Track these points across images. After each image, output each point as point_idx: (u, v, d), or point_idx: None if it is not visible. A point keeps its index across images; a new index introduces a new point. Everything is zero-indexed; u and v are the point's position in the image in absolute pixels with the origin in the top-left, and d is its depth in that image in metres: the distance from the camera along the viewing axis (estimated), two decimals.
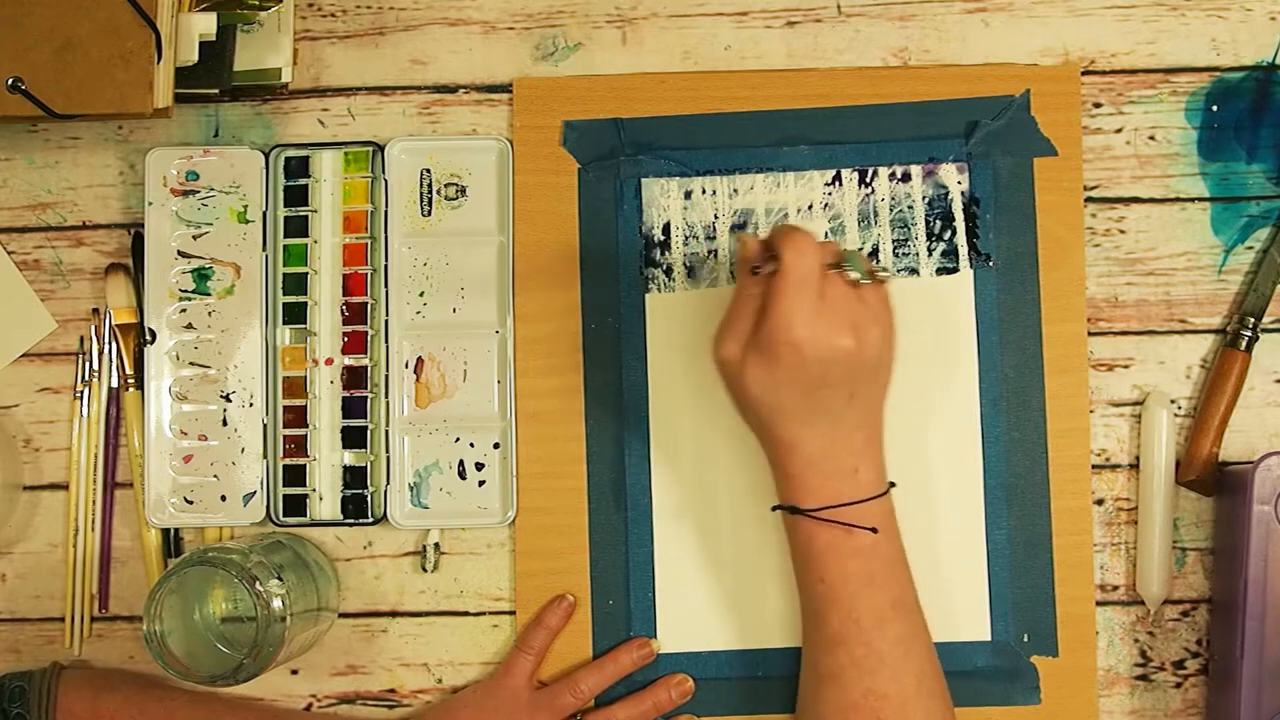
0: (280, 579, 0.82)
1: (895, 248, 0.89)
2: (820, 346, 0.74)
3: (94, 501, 0.90)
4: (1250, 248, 0.89)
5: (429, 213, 0.91)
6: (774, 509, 0.80)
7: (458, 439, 0.90)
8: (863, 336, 0.75)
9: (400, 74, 0.92)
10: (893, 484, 0.80)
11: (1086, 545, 0.88)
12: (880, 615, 0.78)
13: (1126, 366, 0.89)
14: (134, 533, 0.91)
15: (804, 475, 0.78)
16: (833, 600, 0.78)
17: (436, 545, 0.89)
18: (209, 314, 0.90)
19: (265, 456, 0.89)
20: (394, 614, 0.90)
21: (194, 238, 0.90)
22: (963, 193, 0.89)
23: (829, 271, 0.75)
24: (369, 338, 0.90)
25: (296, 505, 0.89)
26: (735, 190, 0.90)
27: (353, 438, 0.90)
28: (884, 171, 0.90)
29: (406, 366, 0.90)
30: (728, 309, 0.78)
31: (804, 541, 0.79)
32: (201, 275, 0.90)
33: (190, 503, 0.89)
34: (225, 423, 0.90)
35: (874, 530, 0.78)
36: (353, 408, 0.90)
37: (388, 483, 0.89)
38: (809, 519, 0.78)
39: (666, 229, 0.90)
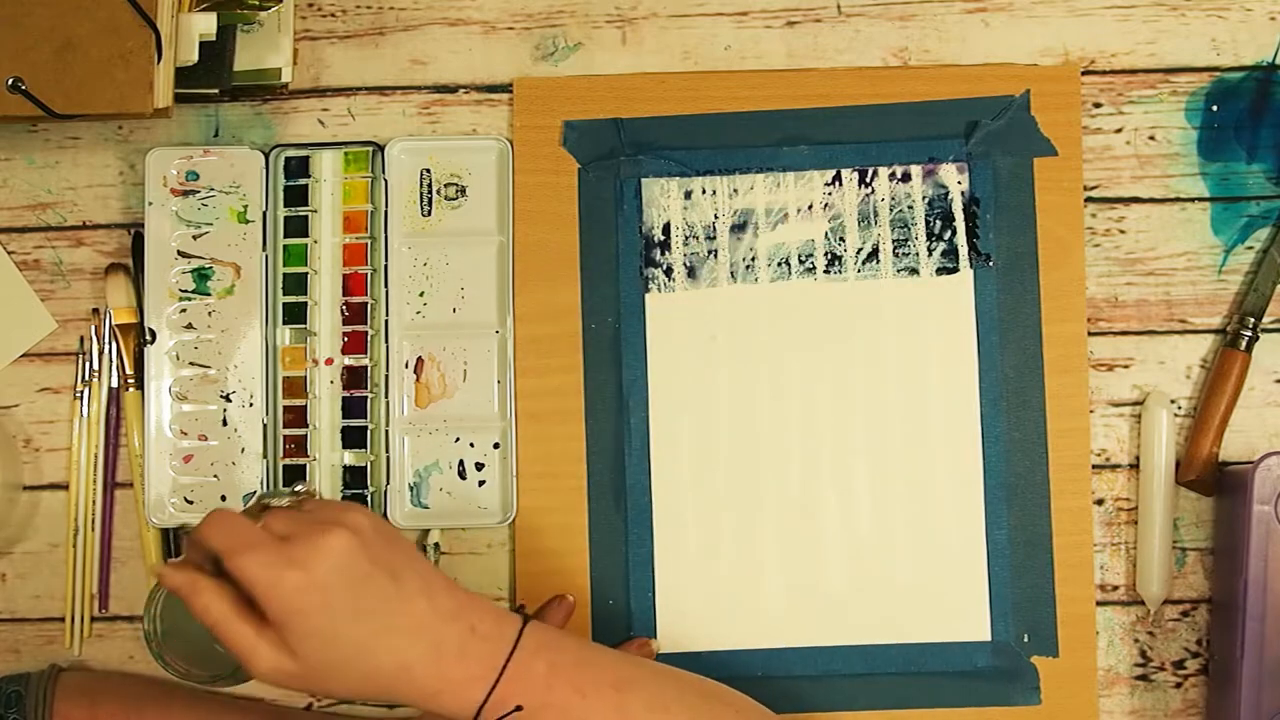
0: None
1: (895, 248, 0.89)
2: (318, 568, 0.66)
3: (94, 501, 0.90)
4: (1250, 248, 0.89)
5: (429, 213, 0.91)
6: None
7: (458, 439, 0.89)
8: (336, 533, 0.67)
9: (400, 74, 0.92)
10: (521, 607, 0.76)
11: (1086, 545, 0.87)
12: (625, 709, 0.71)
13: (1126, 366, 0.89)
14: (134, 533, 0.91)
15: (440, 680, 0.69)
16: None
17: (436, 545, 0.89)
18: (209, 314, 0.90)
19: (265, 456, 0.89)
20: None
21: (194, 238, 0.90)
22: (963, 193, 0.89)
23: (261, 519, 0.69)
24: (369, 338, 0.90)
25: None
26: (735, 190, 0.90)
27: (353, 438, 0.90)
28: (884, 171, 0.90)
29: (406, 366, 0.90)
30: (220, 641, 0.68)
31: None
32: (201, 275, 0.90)
33: (190, 503, 0.89)
34: (225, 423, 0.90)
35: (519, 708, 0.69)
36: (353, 408, 0.90)
37: (388, 483, 0.89)
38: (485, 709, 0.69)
39: (666, 229, 0.90)
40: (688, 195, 0.90)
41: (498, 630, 0.71)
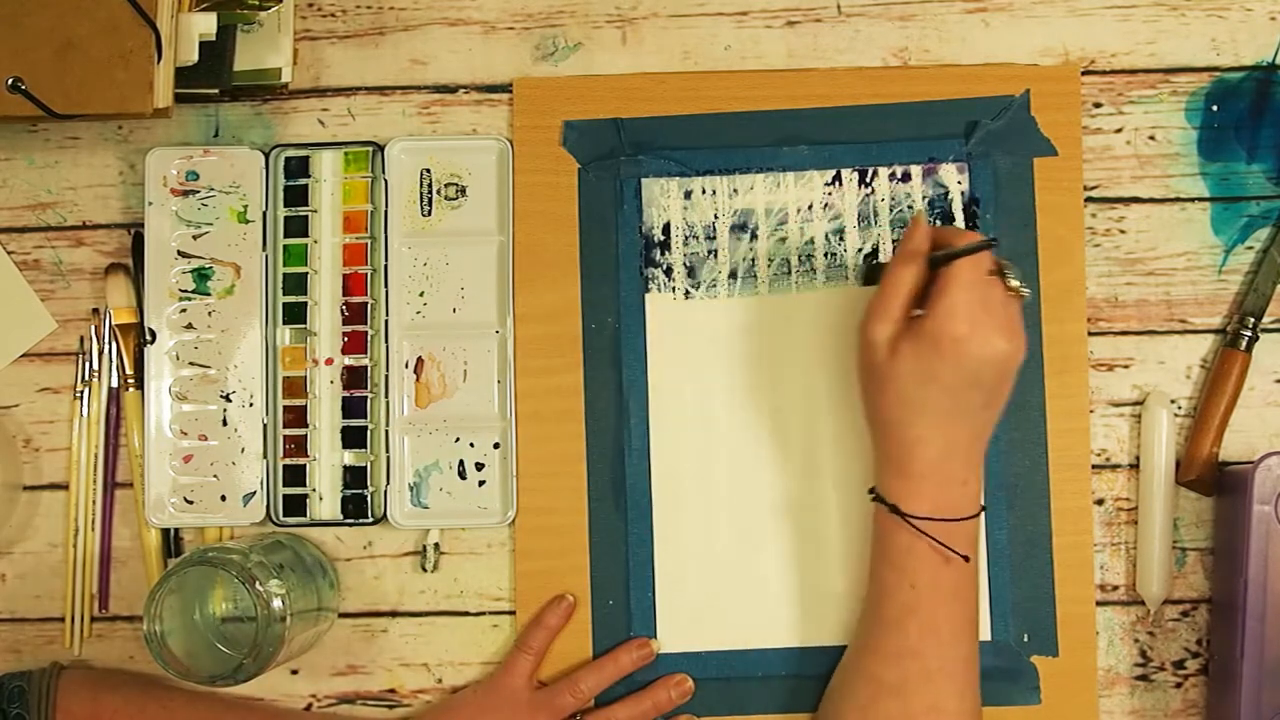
0: (280, 579, 0.82)
1: (895, 248, 0.89)
2: (981, 345, 0.75)
3: (94, 501, 0.90)
4: (1250, 248, 0.89)
5: (429, 213, 0.91)
6: (873, 498, 0.80)
7: (458, 439, 0.90)
8: (1015, 342, 0.76)
9: (400, 74, 0.92)
10: (984, 507, 0.80)
11: (1086, 545, 0.87)
12: (957, 631, 0.78)
13: (1126, 366, 0.89)
14: (134, 533, 0.91)
15: (922, 477, 0.77)
16: (916, 608, 0.78)
17: (436, 545, 0.89)
18: (209, 314, 0.90)
19: (265, 456, 0.89)
20: (394, 614, 0.90)
21: (194, 238, 0.90)
22: (963, 193, 0.89)
23: (991, 276, 0.76)
24: (369, 338, 0.90)
25: (296, 505, 0.89)
26: (735, 190, 0.90)
27: (353, 438, 0.90)
28: (884, 171, 0.90)
29: (406, 366, 0.90)
30: (879, 290, 0.78)
31: (903, 544, 0.78)
32: (201, 275, 0.90)
33: (190, 503, 0.89)
34: (225, 423, 0.90)
35: (966, 558, 0.78)
36: (353, 408, 0.90)
37: (388, 483, 0.89)
38: (911, 524, 0.77)
39: (666, 229, 0.90)
40: (688, 195, 0.90)
41: (973, 497, 0.79)
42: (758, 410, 0.89)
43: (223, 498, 0.89)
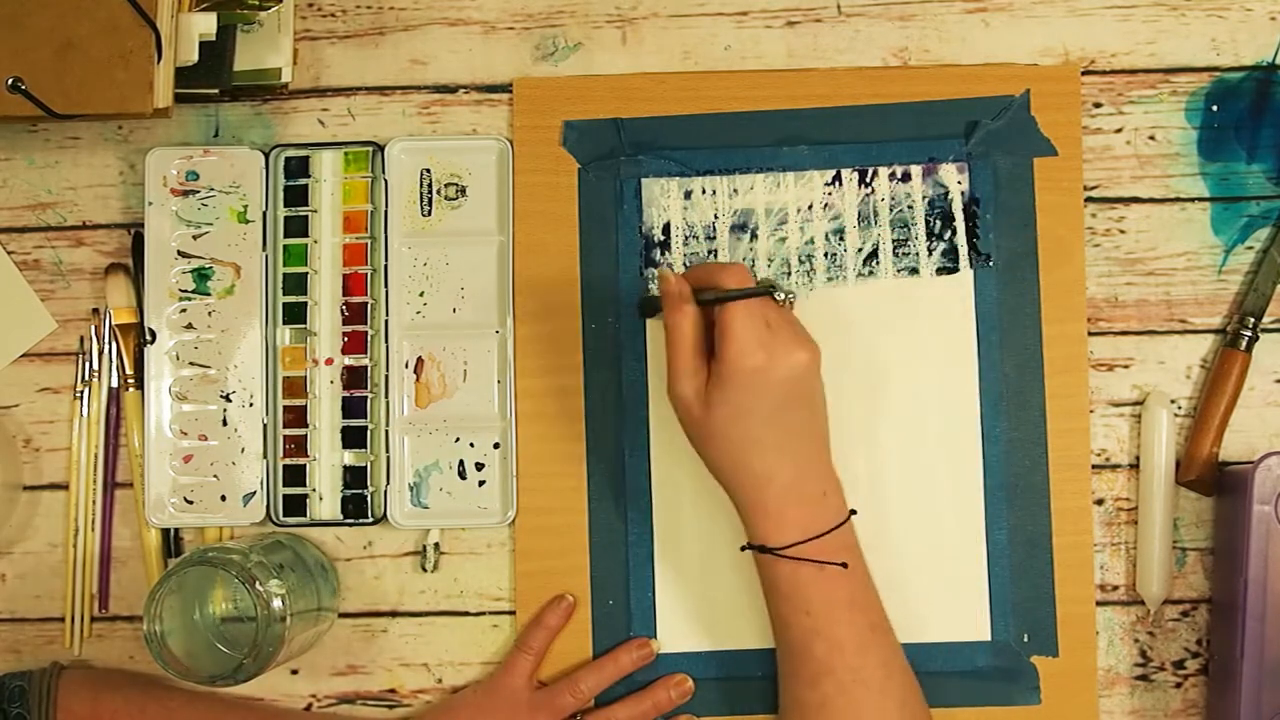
0: (280, 579, 0.82)
1: (895, 248, 0.89)
2: (783, 366, 0.76)
3: (94, 501, 0.90)
4: (1250, 248, 0.89)
5: (429, 213, 0.91)
6: (744, 549, 0.80)
7: (458, 439, 0.90)
8: (810, 346, 0.78)
9: (400, 74, 0.92)
10: (853, 511, 0.80)
11: (1086, 545, 0.88)
12: (862, 639, 0.78)
13: (1126, 366, 0.89)
14: (134, 533, 0.91)
15: (780, 507, 0.78)
16: (816, 631, 0.78)
17: (436, 545, 0.89)
18: (209, 314, 0.90)
19: (265, 456, 0.89)
20: (394, 614, 0.90)
21: (194, 238, 0.90)
22: (963, 193, 0.89)
23: (760, 297, 0.77)
24: (369, 338, 0.90)
25: (296, 505, 0.89)
26: (735, 190, 0.90)
27: (353, 438, 0.90)
28: (884, 171, 0.90)
29: (406, 366, 0.90)
30: (667, 350, 0.78)
31: (785, 577, 0.78)
32: (201, 275, 0.90)
33: (190, 503, 0.89)
34: (225, 423, 0.90)
35: (844, 565, 0.78)
36: (353, 408, 0.90)
37: (388, 483, 0.89)
38: (785, 556, 0.78)
39: (666, 229, 0.90)
40: (688, 195, 0.90)
41: (837, 507, 0.79)
42: None
43: (223, 498, 0.89)
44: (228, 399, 0.90)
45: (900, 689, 0.79)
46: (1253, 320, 0.88)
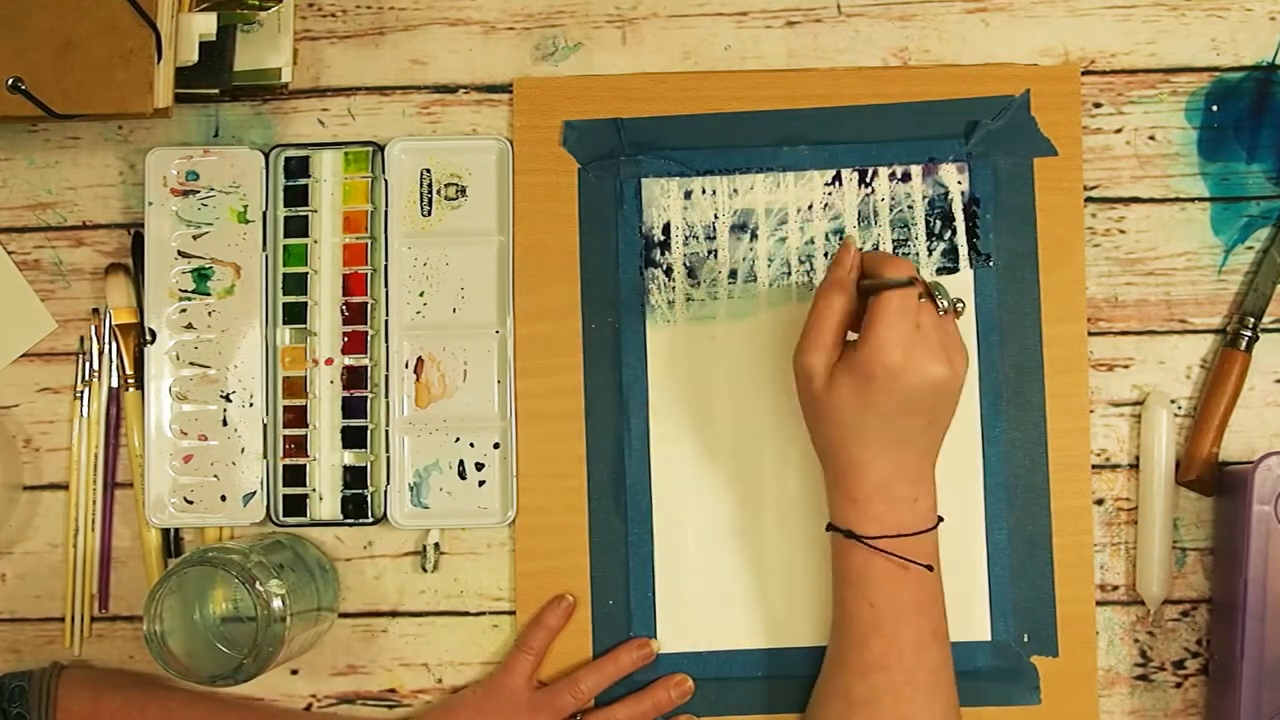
0: (280, 579, 0.82)
1: (895, 248, 0.89)
2: (916, 373, 0.75)
3: (94, 501, 0.90)
4: (1250, 248, 0.89)
5: (429, 213, 0.91)
6: (829, 529, 0.80)
7: (458, 439, 0.89)
8: (954, 365, 0.77)
9: (400, 74, 0.92)
10: (941, 518, 0.80)
11: (1086, 545, 0.88)
12: (922, 644, 0.78)
13: (1126, 366, 0.89)
14: (134, 533, 0.91)
15: (869, 500, 0.78)
16: (878, 625, 0.78)
17: (436, 545, 0.89)
18: (209, 314, 0.90)
19: (265, 456, 0.89)
20: (394, 614, 0.90)
21: (194, 238, 0.90)
22: (963, 193, 0.89)
23: (921, 300, 0.76)
24: (369, 338, 0.90)
25: (296, 505, 0.89)
26: (735, 190, 0.90)
27: (353, 438, 0.90)
28: (884, 171, 0.90)
29: (406, 366, 0.90)
30: (810, 318, 0.78)
31: (858, 565, 0.79)
32: (201, 275, 0.90)
33: (190, 503, 0.89)
34: (225, 423, 0.90)
35: (929, 568, 0.79)
36: (353, 408, 0.90)
37: (388, 483, 0.89)
38: (865, 544, 0.78)
39: (666, 229, 0.90)
40: (688, 195, 0.90)
41: (927, 513, 0.80)
42: (758, 410, 0.89)
43: (223, 498, 0.89)
44: (228, 399, 0.90)
45: (947, 698, 0.79)
46: (1253, 320, 0.88)
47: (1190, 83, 0.90)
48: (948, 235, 0.89)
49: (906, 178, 0.89)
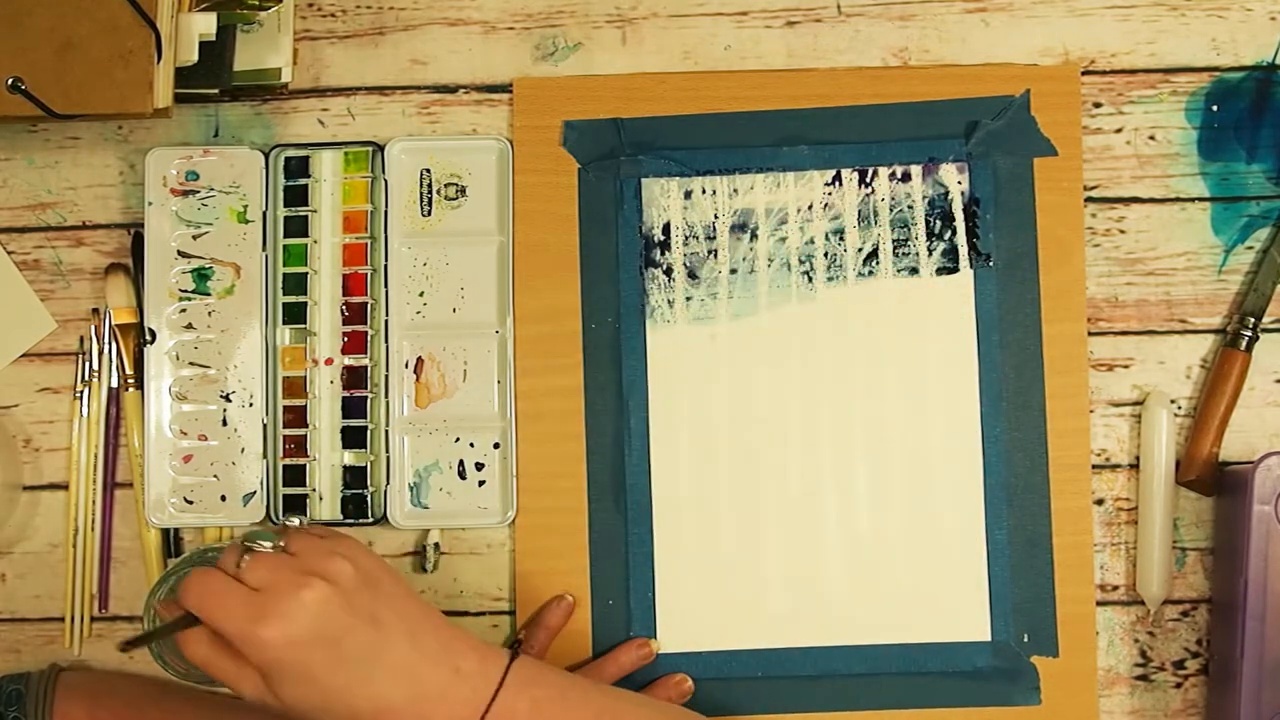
0: None
1: (895, 248, 0.89)
2: (298, 622, 0.67)
3: (94, 501, 0.90)
4: (1250, 248, 0.89)
5: (429, 213, 0.91)
6: None
7: (458, 439, 0.89)
8: (328, 575, 0.68)
9: (400, 74, 0.92)
10: (517, 641, 0.78)
11: (1086, 545, 0.87)
12: None
13: (1126, 366, 0.89)
14: (134, 533, 0.91)
15: (434, 702, 0.70)
16: None
17: (436, 545, 0.89)
18: (209, 314, 0.90)
19: (265, 456, 0.89)
20: None
21: (194, 238, 0.90)
22: (963, 193, 0.89)
23: (243, 562, 0.69)
24: (369, 338, 0.90)
25: (296, 505, 0.89)
26: (735, 190, 0.90)
27: (353, 438, 0.90)
28: (884, 171, 0.90)
29: (406, 366, 0.90)
30: (206, 669, 0.70)
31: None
32: (201, 275, 0.90)
33: (190, 503, 0.89)
34: (225, 423, 0.90)
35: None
36: (353, 408, 0.90)
37: (388, 483, 0.89)
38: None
39: (666, 229, 0.90)
40: (688, 195, 0.90)
41: (481, 669, 0.71)
42: (758, 410, 0.89)
43: (223, 498, 0.89)
44: (228, 399, 0.90)
45: None
46: (1253, 320, 0.88)
47: (1190, 83, 0.90)
48: (948, 235, 0.89)
49: (906, 178, 0.90)
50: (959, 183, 0.89)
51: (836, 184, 0.90)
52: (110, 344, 0.91)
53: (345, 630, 0.68)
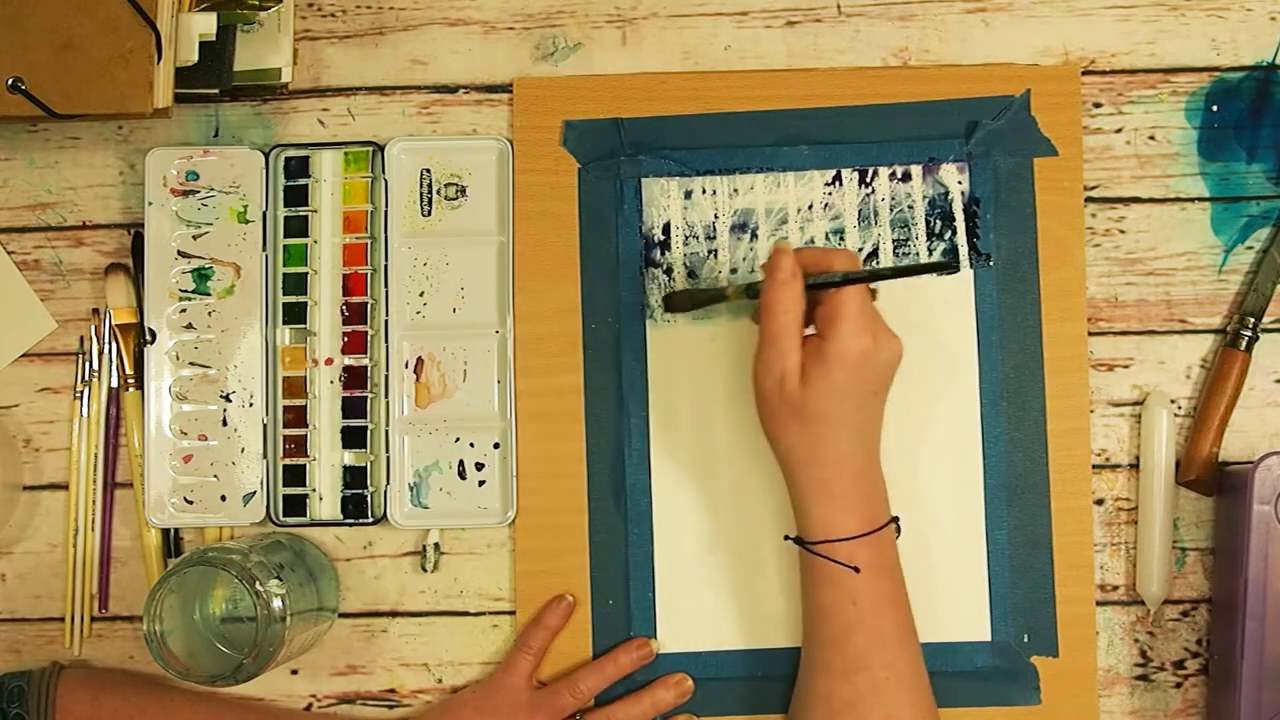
0: (280, 579, 0.82)
1: (895, 248, 0.89)
2: (884, 350, 0.78)
3: (94, 501, 0.90)
4: (1250, 248, 0.89)
5: (429, 213, 0.91)
6: (792, 541, 0.80)
7: (458, 439, 0.90)
8: (898, 339, 0.79)
9: (400, 74, 0.92)
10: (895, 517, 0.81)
11: (1086, 545, 0.88)
12: (901, 638, 0.79)
13: (1126, 366, 0.89)
14: (134, 533, 0.91)
15: (847, 496, 0.78)
16: (860, 622, 0.78)
17: (436, 545, 0.89)
18: (209, 314, 0.90)
19: (265, 456, 0.89)
20: (394, 614, 0.90)
21: (194, 238, 0.90)
22: (963, 193, 0.89)
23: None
24: (369, 338, 0.90)
25: (296, 505, 0.89)
26: (735, 190, 0.90)
27: (353, 438, 0.90)
28: (884, 171, 0.90)
29: (406, 366, 0.90)
30: (766, 328, 0.78)
31: (837, 566, 0.78)
32: (201, 275, 0.90)
33: (190, 503, 0.89)
34: (225, 423, 0.90)
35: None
36: (353, 408, 0.90)
37: (388, 483, 0.89)
38: (849, 543, 0.78)
39: (666, 229, 0.90)
40: (688, 195, 0.90)
41: (888, 507, 0.81)
42: (758, 410, 0.88)
43: (223, 498, 0.89)
44: (228, 399, 0.90)
45: (927, 691, 0.80)
46: (1253, 320, 0.88)
47: (1190, 83, 0.90)
48: (948, 235, 0.89)
49: (907, 178, 0.89)
50: (959, 183, 0.89)
51: (836, 184, 0.90)
52: (110, 344, 0.91)
53: (882, 388, 0.79)
